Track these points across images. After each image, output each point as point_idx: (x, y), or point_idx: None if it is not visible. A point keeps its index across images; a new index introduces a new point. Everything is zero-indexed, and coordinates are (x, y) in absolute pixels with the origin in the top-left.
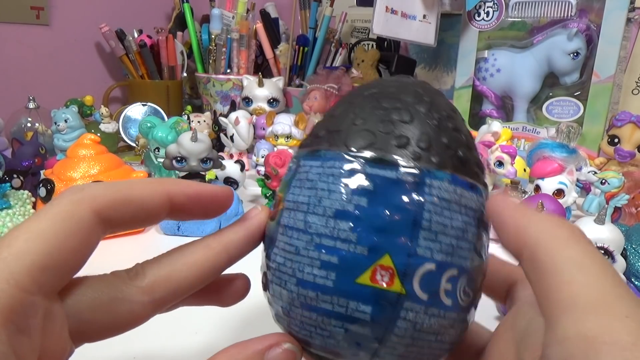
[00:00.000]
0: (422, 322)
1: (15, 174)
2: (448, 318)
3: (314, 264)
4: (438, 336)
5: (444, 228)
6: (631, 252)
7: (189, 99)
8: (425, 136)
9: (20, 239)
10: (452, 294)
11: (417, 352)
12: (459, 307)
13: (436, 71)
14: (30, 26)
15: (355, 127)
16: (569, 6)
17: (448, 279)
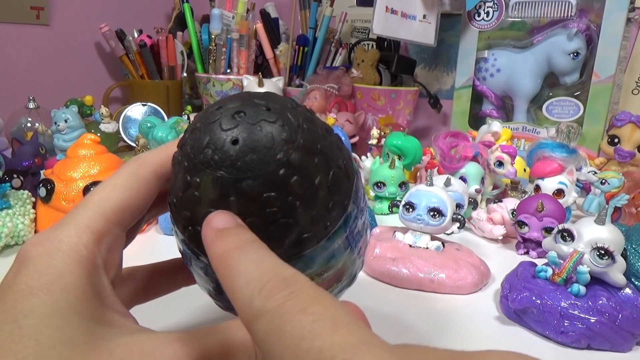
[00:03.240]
0: None
1: (15, 174)
2: None
3: None
4: None
5: None
6: (631, 252)
7: (189, 99)
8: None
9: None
10: None
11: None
12: None
13: (436, 71)
14: (30, 26)
15: None
16: (569, 6)
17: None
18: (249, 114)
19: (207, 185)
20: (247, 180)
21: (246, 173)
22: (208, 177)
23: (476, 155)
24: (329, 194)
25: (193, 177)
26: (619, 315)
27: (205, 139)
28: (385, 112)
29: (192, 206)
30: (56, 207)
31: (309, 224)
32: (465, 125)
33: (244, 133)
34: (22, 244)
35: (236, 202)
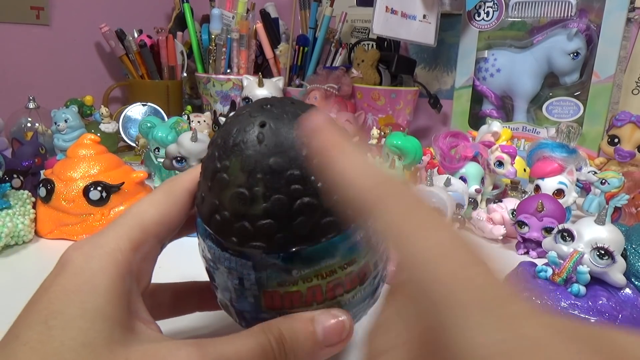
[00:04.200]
0: None
1: (15, 174)
2: None
3: None
4: None
5: None
6: (631, 252)
7: (189, 99)
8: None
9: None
10: None
11: None
12: None
13: (436, 71)
14: (30, 26)
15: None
16: (569, 6)
17: None
18: (275, 105)
19: (235, 166)
20: (273, 157)
21: (273, 151)
22: (237, 158)
23: (476, 155)
24: None
25: (222, 161)
26: (619, 315)
27: (234, 127)
28: (385, 112)
29: (219, 190)
30: (56, 207)
31: (330, 209)
32: (465, 125)
33: (271, 119)
34: (22, 244)
35: (263, 178)
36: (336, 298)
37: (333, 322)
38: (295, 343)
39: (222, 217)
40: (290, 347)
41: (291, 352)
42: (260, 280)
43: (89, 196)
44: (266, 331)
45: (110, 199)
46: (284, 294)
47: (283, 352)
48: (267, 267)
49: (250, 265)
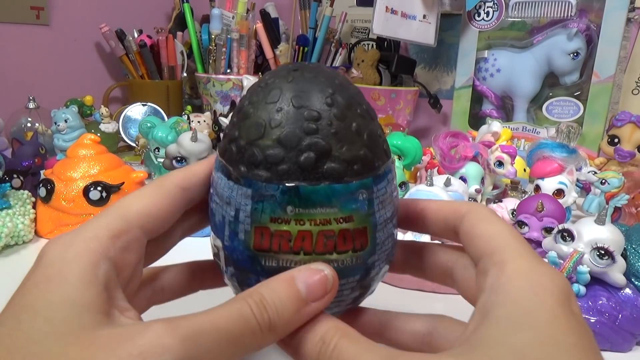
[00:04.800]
0: None
1: (15, 174)
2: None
3: None
4: None
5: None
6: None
7: (189, 99)
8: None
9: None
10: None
11: None
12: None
13: (436, 71)
14: (30, 26)
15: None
16: (569, 6)
17: None
18: (306, 69)
19: (261, 100)
20: (297, 94)
21: (297, 90)
22: (264, 92)
23: (476, 155)
24: (362, 142)
25: (251, 97)
26: (619, 315)
27: (268, 74)
28: (385, 112)
29: (241, 121)
30: (56, 207)
31: (338, 155)
32: (465, 125)
33: (306, 69)
34: (22, 244)
35: (282, 110)
36: (324, 255)
37: (316, 276)
38: (279, 304)
39: (236, 146)
40: (274, 310)
41: (275, 315)
42: (255, 213)
43: (89, 196)
44: (245, 297)
45: (110, 199)
46: (274, 233)
47: (266, 316)
48: (264, 198)
49: (249, 194)
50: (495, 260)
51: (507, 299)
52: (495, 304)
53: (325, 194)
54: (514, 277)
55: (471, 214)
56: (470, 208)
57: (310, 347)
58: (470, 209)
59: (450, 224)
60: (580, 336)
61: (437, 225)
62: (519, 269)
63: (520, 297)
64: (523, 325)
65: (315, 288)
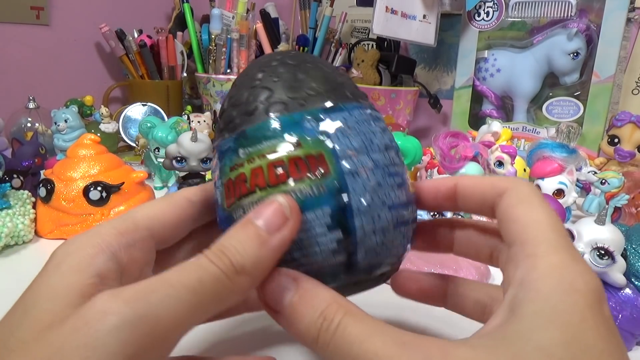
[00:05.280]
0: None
1: (15, 174)
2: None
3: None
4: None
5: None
6: (631, 252)
7: (189, 99)
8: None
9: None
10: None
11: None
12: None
13: (436, 71)
14: (30, 26)
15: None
16: (569, 6)
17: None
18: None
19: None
20: (263, 60)
21: (262, 60)
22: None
23: (476, 155)
24: (307, 85)
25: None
26: (619, 315)
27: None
28: (385, 112)
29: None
30: (56, 207)
31: (280, 97)
32: (465, 125)
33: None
34: (22, 244)
35: (240, 81)
36: (279, 186)
37: (269, 207)
38: (238, 245)
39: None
40: (234, 252)
41: (237, 256)
42: (223, 170)
43: (89, 196)
44: (206, 253)
45: (110, 199)
46: (235, 180)
47: (226, 259)
48: (226, 153)
49: (217, 156)
50: (528, 252)
51: (537, 296)
52: (525, 300)
53: (268, 127)
54: (546, 274)
55: (511, 191)
56: (511, 184)
57: (309, 323)
58: (511, 185)
59: (487, 200)
60: (609, 341)
61: (472, 201)
62: (551, 266)
63: (550, 296)
64: (551, 325)
65: (272, 218)
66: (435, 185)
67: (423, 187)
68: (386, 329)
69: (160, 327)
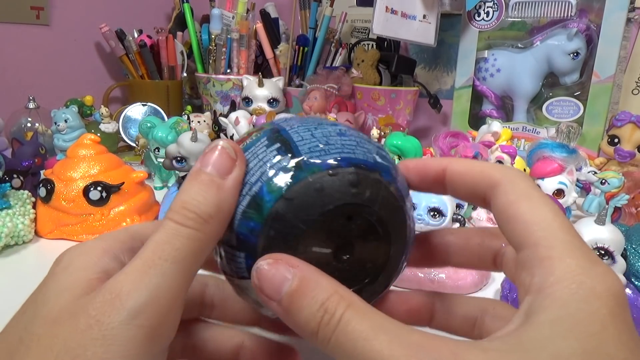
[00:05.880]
0: None
1: (15, 174)
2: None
3: None
4: None
5: None
6: (631, 252)
7: (189, 99)
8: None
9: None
10: None
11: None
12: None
13: (436, 71)
14: (30, 26)
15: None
16: (569, 6)
17: None
18: None
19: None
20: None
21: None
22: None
23: (476, 155)
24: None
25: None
26: None
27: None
28: (385, 112)
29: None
30: (56, 207)
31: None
32: (465, 125)
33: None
34: (22, 244)
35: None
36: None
37: (212, 152)
38: (196, 196)
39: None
40: (195, 204)
41: (199, 207)
42: None
43: (89, 196)
44: (169, 215)
45: (110, 199)
46: None
47: (191, 214)
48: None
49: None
50: (542, 256)
51: (555, 304)
52: (542, 308)
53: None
54: (564, 278)
55: (506, 185)
56: (505, 175)
57: (308, 315)
58: (505, 176)
59: (479, 190)
60: (632, 350)
61: (462, 189)
62: (569, 270)
63: (569, 303)
64: (570, 334)
65: (221, 162)
66: (423, 165)
67: (410, 166)
68: (392, 326)
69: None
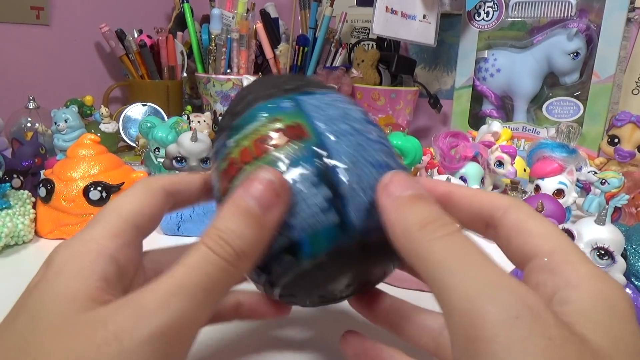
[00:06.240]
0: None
1: (15, 174)
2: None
3: None
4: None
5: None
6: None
7: (189, 99)
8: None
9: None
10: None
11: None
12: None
13: (436, 71)
14: (30, 26)
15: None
16: (569, 6)
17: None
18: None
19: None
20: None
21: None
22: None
23: (476, 155)
24: (277, 86)
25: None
26: None
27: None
28: (385, 112)
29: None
30: (56, 207)
31: (255, 95)
32: (465, 125)
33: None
34: (22, 244)
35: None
36: (264, 157)
37: (257, 184)
38: (237, 230)
39: (219, 125)
40: (235, 238)
41: (238, 243)
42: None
43: (89, 196)
44: (204, 240)
45: (110, 199)
46: (227, 168)
47: (230, 249)
48: (219, 150)
49: (214, 157)
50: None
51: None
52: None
53: (250, 115)
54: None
55: (515, 208)
56: (512, 200)
57: (424, 213)
58: (513, 203)
59: (485, 214)
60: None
61: (467, 213)
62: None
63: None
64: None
65: (264, 195)
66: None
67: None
68: (492, 275)
69: (183, 329)
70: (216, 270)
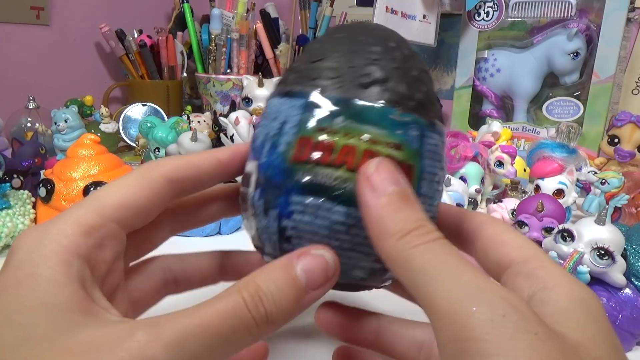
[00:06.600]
0: None
1: (15, 174)
2: None
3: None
4: None
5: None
6: (631, 252)
7: (189, 99)
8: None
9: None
10: None
11: None
12: None
13: (436, 71)
14: (30, 26)
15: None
16: (569, 6)
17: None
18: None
19: (328, 36)
20: (361, 31)
21: (361, 31)
22: (332, 32)
23: (476, 155)
24: (419, 88)
25: (319, 39)
26: (619, 315)
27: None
28: None
29: (305, 53)
30: (56, 207)
31: (394, 86)
32: (465, 125)
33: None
34: None
35: (348, 45)
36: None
37: (316, 262)
38: (276, 294)
39: (296, 70)
40: (271, 301)
41: (272, 306)
42: (302, 122)
43: None
44: (240, 289)
45: None
46: (318, 143)
47: (262, 309)
48: (315, 107)
49: (300, 105)
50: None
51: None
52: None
53: (378, 113)
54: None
55: (492, 222)
56: (489, 217)
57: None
58: (489, 218)
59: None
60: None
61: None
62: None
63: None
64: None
65: (315, 275)
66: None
67: None
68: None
69: None
70: (242, 327)
